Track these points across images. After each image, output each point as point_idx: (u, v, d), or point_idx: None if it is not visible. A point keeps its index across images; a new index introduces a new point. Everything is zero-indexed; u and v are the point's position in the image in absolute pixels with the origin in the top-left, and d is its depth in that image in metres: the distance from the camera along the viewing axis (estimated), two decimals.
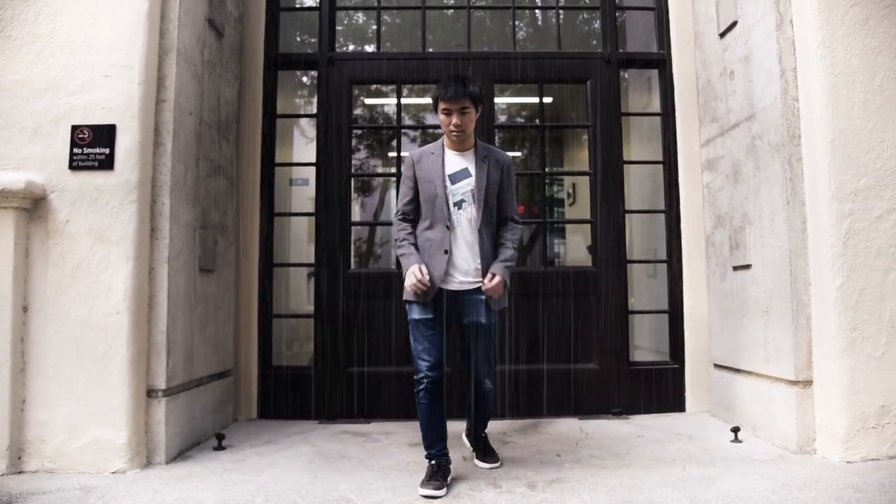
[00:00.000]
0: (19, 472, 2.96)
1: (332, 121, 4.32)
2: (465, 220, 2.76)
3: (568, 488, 2.66)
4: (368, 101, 7.02)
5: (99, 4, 3.17)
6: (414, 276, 2.67)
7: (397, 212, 2.91)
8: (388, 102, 6.83)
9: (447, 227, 2.74)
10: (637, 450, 3.29)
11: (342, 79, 4.38)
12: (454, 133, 2.74)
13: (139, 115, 3.12)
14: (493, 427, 3.77)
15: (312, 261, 4.31)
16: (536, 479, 2.78)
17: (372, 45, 4.80)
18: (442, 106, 2.73)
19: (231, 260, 4.09)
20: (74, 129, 3.09)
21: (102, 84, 3.12)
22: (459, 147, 2.82)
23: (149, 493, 2.69)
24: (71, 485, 2.80)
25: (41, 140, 3.10)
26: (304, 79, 5.04)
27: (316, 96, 4.51)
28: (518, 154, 8.08)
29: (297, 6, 4.90)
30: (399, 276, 3.25)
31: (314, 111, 4.52)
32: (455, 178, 2.78)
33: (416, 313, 2.75)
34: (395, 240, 2.87)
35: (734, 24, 3.69)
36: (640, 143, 5.00)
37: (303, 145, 5.03)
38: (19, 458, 2.98)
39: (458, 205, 2.76)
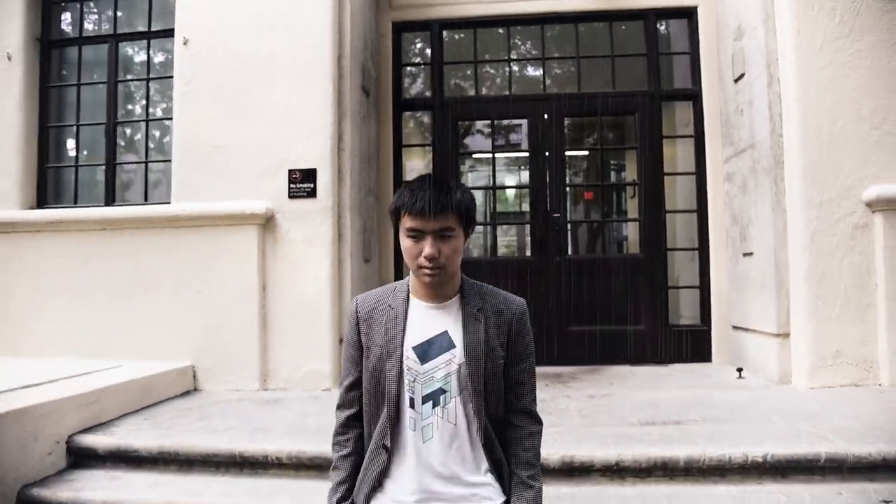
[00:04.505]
0: (266, 389, 4.74)
1: (443, 149, 5.91)
2: (447, 426, 1.58)
3: (615, 397, 4.20)
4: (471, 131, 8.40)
5: (301, 88, 4.84)
6: None
7: (338, 403, 1.74)
8: (485, 129, 8.33)
9: (411, 439, 1.59)
10: (667, 381, 4.77)
11: (450, 117, 5.95)
12: (426, 272, 1.55)
13: (330, 160, 4.80)
14: (565, 371, 5.31)
15: None
16: (595, 394, 4.33)
17: (472, 90, 6.34)
18: (407, 224, 1.56)
19: (377, 252, 5.78)
20: (290, 171, 4.80)
21: (306, 141, 4.81)
22: (435, 294, 1.64)
23: None
24: (300, 395, 4.55)
25: (269, 179, 4.82)
26: (425, 118, 6.61)
27: (431, 130, 6.10)
28: (586, 152, 9.35)
29: (415, 62, 6.48)
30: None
31: (431, 140, 6.11)
32: (425, 351, 1.60)
33: None
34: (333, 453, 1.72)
35: (743, 74, 5.00)
36: (684, 153, 6.28)
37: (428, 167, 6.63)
38: (265, 381, 4.75)
39: (433, 399, 1.58)
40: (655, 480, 3.01)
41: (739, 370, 4.82)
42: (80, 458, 3.47)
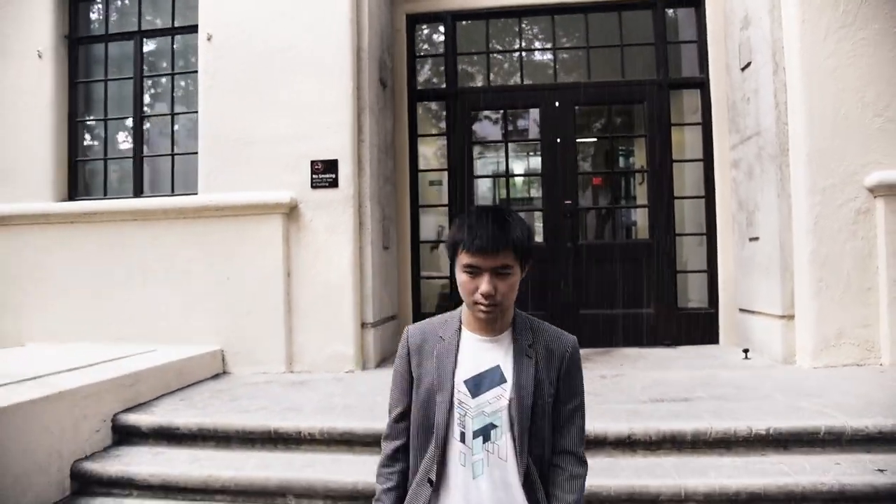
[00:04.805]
0: (291, 372, 4.97)
1: (457, 138, 6.09)
2: (497, 462, 1.56)
3: (626, 377, 4.40)
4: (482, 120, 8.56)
5: (322, 82, 5.02)
6: None
7: (385, 433, 1.73)
8: (497, 117, 8.46)
9: (460, 475, 1.56)
10: (676, 362, 4.97)
11: (463, 107, 6.12)
12: (482, 308, 1.54)
13: (351, 152, 4.98)
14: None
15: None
16: (607, 374, 4.53)
17: (484, 80, 6.49)
18: (464, 260, 1.54)
19: (395, 240, 5.98)
20: (313, 163, 5.00)
21: (327, 134, 4.99)
22: (488, 328, 1.63)
23: (373, 380, 4.62)
24: (325, 377, 4.78)
25: (292, 171, 5.02)
26: (433, 106, 6.78)
27: (445, 120, 6.27)
28: (595, 140, 9.50)
29: (429, 53, 6.63)
30: None
31: (445, 130, 6.28)
32: (477, 384, 1.59)
33: None
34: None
35: (749, 63, 5.13)
36: (692, 140, 6.42)
37: (438, 156, 6.82)
38: (290, 364, 4.98)
39: (483, 434, 1.56)
40: (665, 452, 3.22)
41: (745, 351, 5.00)
42: (125, 436, 3.71)
